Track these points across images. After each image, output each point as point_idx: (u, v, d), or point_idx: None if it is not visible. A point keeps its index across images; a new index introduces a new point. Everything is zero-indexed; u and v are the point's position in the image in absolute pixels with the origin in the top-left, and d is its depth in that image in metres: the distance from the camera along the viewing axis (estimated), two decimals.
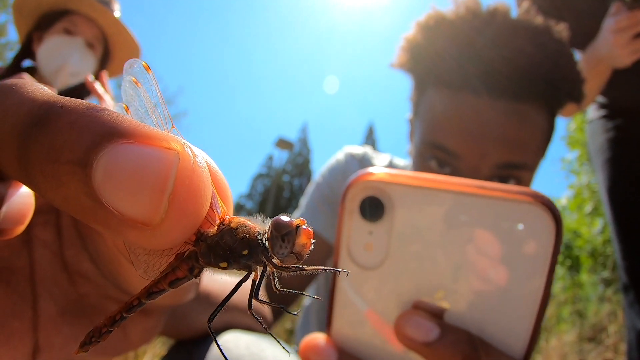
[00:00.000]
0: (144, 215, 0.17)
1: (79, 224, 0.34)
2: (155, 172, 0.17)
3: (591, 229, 5.98)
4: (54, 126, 0.18)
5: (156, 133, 0.18)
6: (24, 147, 0.18)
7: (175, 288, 0.26)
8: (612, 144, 1.60)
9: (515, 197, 0.40)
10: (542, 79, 0.81)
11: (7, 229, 0.23)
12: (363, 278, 0.44)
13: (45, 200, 0.32)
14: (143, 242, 0.19)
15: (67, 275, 0.35)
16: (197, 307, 0.69)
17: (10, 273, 0.32)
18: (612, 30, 1.32)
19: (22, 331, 0.32)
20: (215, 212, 0.24)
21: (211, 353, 0.71)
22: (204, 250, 0.24)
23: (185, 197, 0.18)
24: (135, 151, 0.17)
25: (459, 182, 0.42)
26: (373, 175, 0.43)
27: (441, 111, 0.86)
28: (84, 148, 0.17)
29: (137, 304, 0.27)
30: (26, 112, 0.18)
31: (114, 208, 0.17)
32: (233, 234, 0.24)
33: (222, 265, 0.24)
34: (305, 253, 0.24)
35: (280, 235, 0.23)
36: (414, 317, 0.42)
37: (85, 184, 0.17)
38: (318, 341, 0.45)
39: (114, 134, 0.17)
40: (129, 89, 0.25)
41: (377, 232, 0.43)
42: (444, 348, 0.40)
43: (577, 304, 4.42)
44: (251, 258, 0.24)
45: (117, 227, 0.18)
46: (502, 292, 0.41)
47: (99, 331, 0.27)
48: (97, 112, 0.18)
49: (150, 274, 0.26)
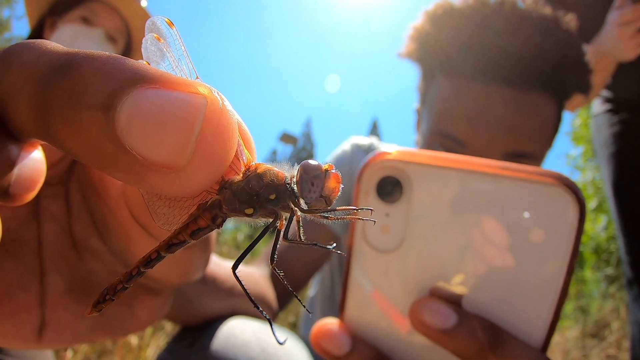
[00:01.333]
0: (169, 158, 0.17)
1: (89, 198, 0.34)
2: (182, 114, 0.17)
3: (595, 225, 5.95)
4: (77, 72, 0.17)
5: (182, 79, 0.18)
6: (44, 94, 0.17)
7: (197, 239, 0.25)
8: (616, 138, 1.60)
9: (539, 179, 0.38)
10: (550, 69, 0.81)
11: (18, 195, 0.22)
12: (378, 262, 0.43)
13: (59, 161, 0.32)
14: (167, 188, 0.18)
15: (75, 250, 0.34)
16: (204, 292, 0.69)
17: (17, 245, 0.32)
18: (617, 23, 1.31)
19: (29, 305, 0.31)
20: (241, 161, 0.23)
21: (216, 339, 0.71)
22: (229, 197, 0.24)
23: (213, 138, 0.18)
24: (161, 95, 0.17)
25: (481, 162, 0.40)
26: (391, 154, 0.41)
27: (448, 100, 0.86)
28: (108, 93, 0.17)
29: (156, 258, 0.26)
30: (47, 61, 0.18)
31: (137, 152, 0.17)
32: (260, 178, 0.23)
33: (248, 211, 0.24)
34: (334, 197, 0.24)
35: (310, 177, 0.23)
36: (430, 303, 0.40)
37: (108, 129, 0.17)
38: (330, 327, 0.44)
39: (139, 79, 0.17)
40: (150, 45, 0.25)
41: (394, 214, 0.42)
42: (462, 335, 0.39)
43: (580, 300, 4.41)
44: (278, 203, 0.24)
45: (140, 173, 0.17)
46: (521, 277, 0.40)
47: (114, 288, 0.27)
48: (121, 60, 0.17)
49: (170, 225, 0.25)
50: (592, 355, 3.06)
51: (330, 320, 0.45)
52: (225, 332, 0.73)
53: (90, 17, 1.36)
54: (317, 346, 0.43)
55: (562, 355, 3.02)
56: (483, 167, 0.40)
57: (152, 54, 0.25)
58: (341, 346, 0.42)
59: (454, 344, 0.39)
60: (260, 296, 0.85)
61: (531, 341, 0.40)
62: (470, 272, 0.41)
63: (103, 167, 0.18)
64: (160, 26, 0.25)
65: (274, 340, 0.75)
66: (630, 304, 1.58)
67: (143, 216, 0.29)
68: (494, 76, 0.81)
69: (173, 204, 0.25)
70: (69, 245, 0.34)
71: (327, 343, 0.43)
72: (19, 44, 0.20)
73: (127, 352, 2.05)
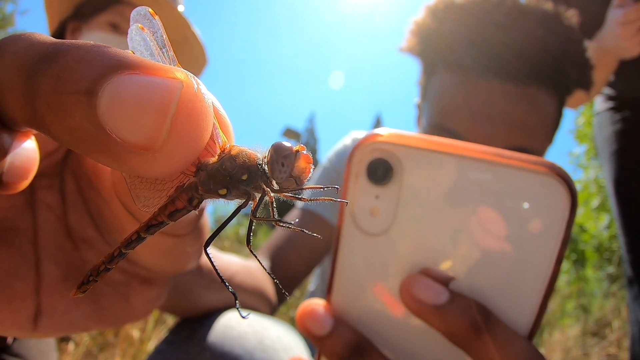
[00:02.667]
0: (146, 139, 0.18)
1: (83, 189, 0.34)
2: (158, 97, 0.18)
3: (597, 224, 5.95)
4: (62, 60, 0.18)
5: (160, 65, 0.19)
6: (31, 81, 0.18)
7: (175, 221, 0.26)
8: (619, 136, 1.59)
9: (531, 167, 0.38)
10: (551, 64, 0.81)
11: (11, 183, 0.23)
12: (367, 244, 0.42)
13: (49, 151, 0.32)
14: (145, 169, 0.19)
15: (70, 240, 0.35)
16: (200, 283, 0.70)
17: (13, 234, 0.32)
18: (619, 22, 1.31)
19: (25, 293, 0.32)
20: (216, 143, 0.24)
21: (214, 330, 0.72)
22: (204, 178, 0.24)
23: (187, 119, 0.18)
24: (139, 79, 0.18)
25: (473, 147, 0.40)
26: (381, 137, 0.40)
27: (449, 94, 0.86)
28: (91, 79, 0.17)
29: (136, 239, 0.27)
30: (36, 51, 0.19)
31: (117, 135, 0.17)
32: (233, 159, 0.24)
33: (222, 192, 0.24)
34: (304, 178, 0.24)
35: (280, 157, 0.23)
36: (423, 279, 0.40)
37: (90, 113, 0.17)
38: (315, 307, 0.44)
39: (120, 66, 0.18)
40: (135, 35, 0.26)
41: (384, 197, 0.41)
42: (453, 313, 0.39)
43: (581, 298, 4.41)
44: (250, 183, 0.24)
45: (120, 155, 0.18)
46: (510, 264, 0.40)
47: (97, 269, 0.27)
48: (103, 49, 0.18)
49: (149, 208, 0.26)
50: (592, 354, 3.07)
51: (316, 301, 0.45)
52: (223, 324, 0.73)
53: (120, 24, 1.23)
54: (300, 325, 0.44)
55: (562, 353, 3.03)
56: (475, 153, 0.39)
57: (137, 43, 0.26)
58: (322, 327, 0.43)
59: (444, 321, 0.39)
60: (259, 290, 0.86)
61: (518, 329, 0.40)
62: (460, 257, 0.41)
63: (86, 151, 0.19)
64: (144, 16, 0.26)
65: (271, 332, 0.75)
66: (630, 302, 1.58)
67: (131, 203, 0.29)
68: (494, 71, 0.81)
69: (153, 187, 0.26)
70: (64, 235, 0.35)
71: (310, 322, 0.43)
72: (12, 36, 0.21)
73: (129, 345, 2.07)
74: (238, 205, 0.26)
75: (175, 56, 0.26)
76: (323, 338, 0.42)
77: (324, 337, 0.42)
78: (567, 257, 5.75)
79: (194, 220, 0.33)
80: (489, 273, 0.40)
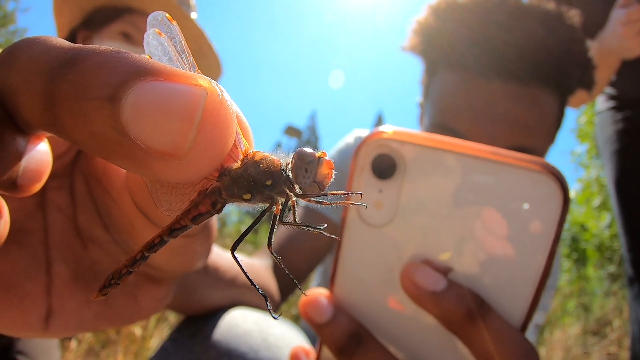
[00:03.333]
0: (171, 146, 0.18)
1: (93, 190, 0.35)
2: (183, 104, 0.18)
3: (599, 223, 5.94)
4: (83, 66, 0.18)
5: (183, 72, 0.19)
6: (51, 87, 0.18)
7: (198, 224, 0.26)
8: (620, 136, 1.60)
9: (526, 165, 0.40)
10: (553, 64, 0.82)
11: (25, 186, 0.23)
12: (370, 236, 0.44)
13: (63, 156, 0.32)
14: (169, 174, 0.19)
15: (80, 241, 0.35)
16: (206, 282, 0.70)
17: (24, 235, 0.33)
18: (622, 22, 1.31)
19: (36, 294, 0.32)
20: (239, 149, 0.24)
21: (218, 328, 0.72)
22: (228, 183, 0.25)
23: (213, 126, 0.18)
24: (164, 86, 0.18)
25: (472, 146, 0.42)
26: (387, 133, 0.43)
27: (451, 94, 0.86)
28: (113, 85, 0.17)
29: (159, 242, 0.27)
30: (54, 55, 0.19)
31: (141, 141, 0.18)
32: (257, 165, 0.24)
33: (246, 197, 0.25)
34: (326, 183, 0.25)
35: (304, 164, 0.24)
36: (423, 267, 0.42)
37: (113, 119, 0.17)
38: (318, 296, 0.46)
39: (143, 72, 0.18)
40: (152, 40, 0.26)
41: (387, 191, 0.43)
42: (450, 300, 0.40)
43: (582, 297, 4.41)
44: (274, 188, 0.25)
45: (144, 161, 0.18)
46: (504, 258, 0.42)
47: (119, 272, 0.27)
48: (124, 55, 0.18)
49: (172, 212, 0.26)
50: (592, 353, 3.07)
51: (319, 290, 0.47)
52: (228, 322, 0.74)
53: (133, 34, 1.19)
54: (303, 313, 0.45)
55: (563, 351, 3.03)
56: (474, 151, 0.41)
57: (154, 48, 0.26)
58: (323, 315, 0.44)
59: (440, 307, 0.41)
60: (262, 287, 0.86)
61: (511, 320, 0.42)
62: (457, 250, 0.43)
63: (108, 156, 0.19)
64: (162, 22, 0.26)
65: (275, 330, 0.76)
66: (630, 302, 1.58)
67: (146, 204, 0.30)
68: (496, 70, 0.81)
69: (175, 191, 0.26)
70: (74, 236, 0.35)
71: (311, 310, 0.45)
72: (26, 40, 0.20)
73: (131, 342, 2.07)
74: (262, 209, 0.26)
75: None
76: (323, 325, 0.44)
77: (323, 325, 0.44)
78: (568, 256, 5.75)
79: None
80: (485, 265, 0.42)
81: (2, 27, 7.95)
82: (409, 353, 0.45)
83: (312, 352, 0.51)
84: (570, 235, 6.02)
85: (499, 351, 0.40)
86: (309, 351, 0.51)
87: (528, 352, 0.40)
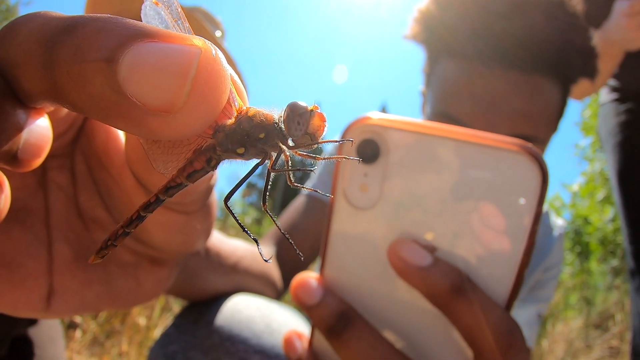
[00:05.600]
0: (166, 101, 0.18)
1: (93, 169, 0.35)
2: (178, 61, 0.18)
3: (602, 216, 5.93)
4: (82, 31, 0.19)
5: (178, 34, 0.19)
6: (50, 52, 0.19)
7: (193, 182, 0.27)
8: (623, 128, 1.59)
9: (504, 146, 0.42)
10: (554, 52, 0.81)
11: (25, 160, 0.23)
12: (357, 218, 0.46)
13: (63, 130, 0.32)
14: (165, 130, 0.19)
15: (81, 220, 0.35)
16: (208, 267, 0.70)
17: (25, 213, 0.33)
18: (626, 14, 1.31)
19: (37, 273, 0.32)
20: (233, 107, 0.25)
21: (221, 314, 0.73)
22: (222, 139, 0.25)
23: (207, 81, 0.19)
24: (159, 46, 0.18)
25: (453, 129, 0.43)
26: (370, 119, 0.44)
27: (452, 82, 0.86)
28: (111, 47, 0.18)
29: (155, 201, 0.27)
30: (54, 25, 0.20)
31: (137, 98, 0.18)
32: (250, 119, 0.25)
33: (240, 151, 0.25)
34: (319, 135, 0.26)
35: (296, 115, 0.24)
36: (410, 243, 0.43)
37: (110, 79, 0.18)
38: (307, 279, 0.47)
39: (139, 35, 0.18)
40: (149, 10, 0.26)
41: (372, 174, 0.45)
42: (435, 275, 0.41)
43: (584, 290, 4.42)
44: (267, 141, 0.25)
45: (140, 119, 0.19)
46: (486, 238, 0.43)
47: (115, 234, 0.28)
48: (122, 20, 0.19)
49: (169, 171, 0.27)
50: (595, 346, 3.08)
51: (310, 273, 0.48)
52: (230, 308, 0.75)
53: None
54: (294, 295, 0.47)
55: (565, 344, 3.04)
56: (455, 134, 0.43)
57: (151, 17, 0.26)
58: (312, 297, 0.45)
59: (426, 282, 0.42)
60: (265, 275, 0.87)
61: (496, 299, 0.43)
62: (440, 230, 0.44)
63: (106, 117, 0.19)
64: None
65: (277, 316, 0.77)
66: (632, 294, 1.58)
67: (143, 171, 0.30)
68: (498, 59, 0.81)
69: (170, 151, 0.26)
70: (75, 216, 0.35)
71: (301, 293, 0.46)
72: (26, 15, 0.21)
73: (135, 332, 2.09)
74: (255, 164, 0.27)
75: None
76: (313, 307, 0.45)
77: (313, 307, 0.45)
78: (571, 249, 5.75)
79: (203, 197, 0.34)
80: (467, 245, 0.43)
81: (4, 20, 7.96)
82: (398, 334, 0.46)
83: (305, 335, 0.52)
84: (573, 228, 6.02)
85: (484, 327, 0.40)
86: (302, 335, 0.53)
87: (512, 329, 0.41)
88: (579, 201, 6.56)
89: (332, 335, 0.44)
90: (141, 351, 2.02)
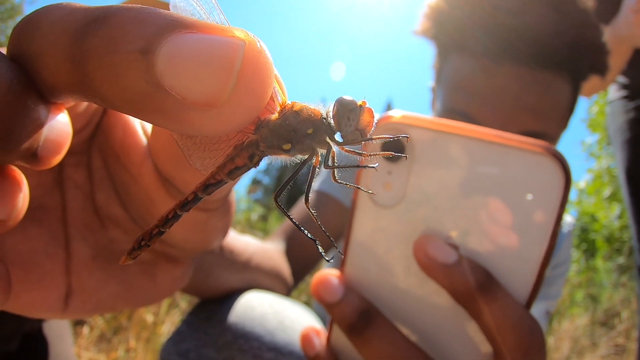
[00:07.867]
0: (210, 95, 0.17)
1: (110, 166, 0.34)
2: (222, 53, 0.17)
3: (609, 213, 5.90)
4: (114, 21, 0.17)
5: (218, 25, 0.18)
6: (80, 43, 0.18)
7: (234, 179, 0.26)
8: (631, 125, 1.58)
9: (529, 148, 0.42)
10: (565, 48, 0.81)
11: (45, 157, 0.22)
12: (380, 216, 0.46)
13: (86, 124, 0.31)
14: (207, 126, 0.18)
15: (98, 218, 0.35)
16: (221, 264, 0.70)
17: (42, 212, 0.32)
18: (633, 9, 1.30)
19: (55, 272, 0.32)
20: (276, 101, 0.24)
21: (234, 311, 0.73)
22: (266, 134, 0.24)
23: (253, 75, 0.18)
24: (200, 37, 0.17)
25: (478, 129, 0.43)
26: (396, 117, 0.45)
27: (463, 79, 0.86)
28: (146, 38, 0.17)
29: (193, 199, 0.26)
30: (81, 15, 0.18)
31: (177, 92, 0.17)
32: (297, 114, 0.24)
33: (286, 147, 0.24)
34: (368, 130, 0.25)
35: (346, 111, 0.24)
36: (436, 240, 0.44)
37: (146, 71, 0.17)
38: (329, 276, 0.47)
39: (176, 25, 0.17)
40: (179, 2, 0.25)
41: (396, 172, 0.45)
42: (459, 272, 0.42)
43: (591, 288, 4.40)
44: (315, 137, 0.25)
45: (179, 113, 0.18)
46: (509, 238, 0.43)
47: (150, 233, 0.27)
48: (156, 10, 0.18)
49: (206, 168, 0.26)
50: (600, 344, 3.07)
51: (331, 271, 0.48)
52: (243, 305, 0.74)
53: None
54: (314, 292, 0.47)
55: (571, 342, 3.03)
56: (479, 134, 0.43)
57: (182, 10, 0.25)
58: (333, 294, 0.46)
59: (451, 279, 0.42)
60: (276, 271, 0.87)
61: (516, 298, 0.44)
62: (463, 229, 0.44)
63: (140, 111, 0.18)
64: None
65: (290, 313, 0.76)
66: (638, 292, 1.58)
67: (171, 168, 0.29)
68: (508, 55, 0.81)
69: (208, 147, 0.26)
70: (92, 214, 0.35)
71: (322, 290, 0.46)
72: (45, 6, 0.20)
73: (142, 328, 2.10)
74: (301, 160, 0.26)
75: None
76: (334, 305, 0.45)
77: (334, 304, 0.45)
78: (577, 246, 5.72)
79: (224, 195, 0.33)
80: (490, 245, 0.44)
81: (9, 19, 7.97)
82: (418, 331, 0.47)
83: (322, 332, 0.52)
84: (579, 225, 5.99)
85: (506, 325, 0.41)
86: (320, 331, 0.53)
87: (533, 327, 0.41)
88: (585, 198, 6.53)
89: (353, 333, 0.44)
90: (148, 347, 2.02)
